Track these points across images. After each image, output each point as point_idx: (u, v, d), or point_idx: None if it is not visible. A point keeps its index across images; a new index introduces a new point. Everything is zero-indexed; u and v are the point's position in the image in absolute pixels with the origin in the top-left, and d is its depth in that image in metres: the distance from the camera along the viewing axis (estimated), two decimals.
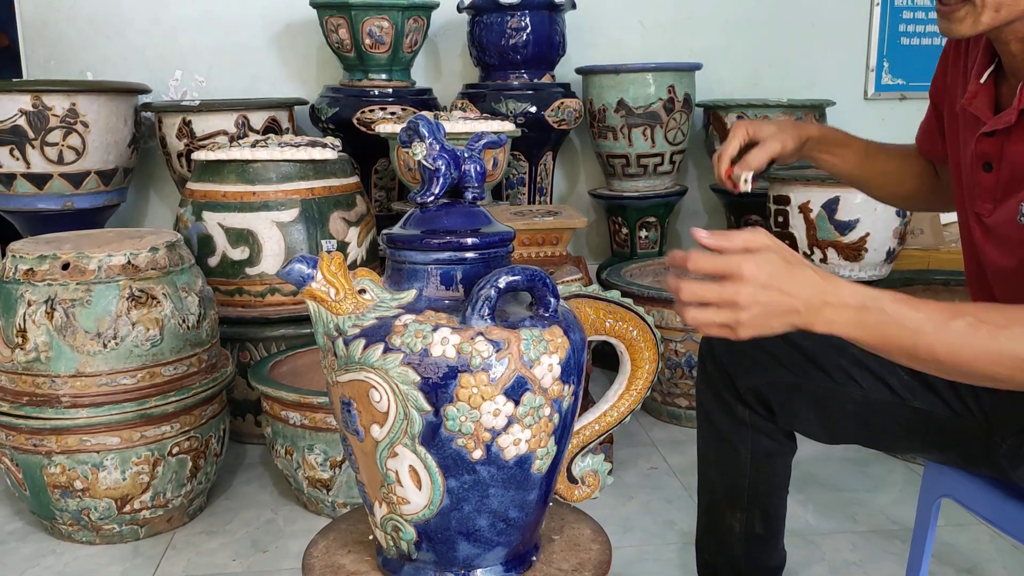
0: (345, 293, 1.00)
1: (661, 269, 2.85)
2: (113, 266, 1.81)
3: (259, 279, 2.31)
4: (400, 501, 1.03)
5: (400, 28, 2.70)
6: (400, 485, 1.02)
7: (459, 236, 1.03)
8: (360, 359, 0.97)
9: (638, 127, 2.84)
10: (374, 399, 0.98)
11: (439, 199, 1.07)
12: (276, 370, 2.09)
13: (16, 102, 2.51)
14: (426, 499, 1.02)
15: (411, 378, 0.95)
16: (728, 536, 1.35)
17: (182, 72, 3.04)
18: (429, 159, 1.05)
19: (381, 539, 1.10)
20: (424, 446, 0.99)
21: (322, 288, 1.00)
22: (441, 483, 1.01)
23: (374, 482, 1.05)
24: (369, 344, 0.97)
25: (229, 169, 2.31)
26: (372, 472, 1.04)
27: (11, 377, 1.81)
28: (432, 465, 1.00)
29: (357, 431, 1.03)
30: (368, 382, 0.98)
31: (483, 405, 0.96)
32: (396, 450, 1.00)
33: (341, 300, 1.00)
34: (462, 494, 1.01)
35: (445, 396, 0.95)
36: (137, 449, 1.83)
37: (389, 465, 1.01)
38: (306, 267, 1.00)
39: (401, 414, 0.97)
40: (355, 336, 0.98)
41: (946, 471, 1.30)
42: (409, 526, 1.04)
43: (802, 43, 3.21)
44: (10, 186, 2.58)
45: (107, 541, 1.90)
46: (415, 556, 1.07)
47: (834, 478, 2.17)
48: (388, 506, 1.05)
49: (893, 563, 1.78)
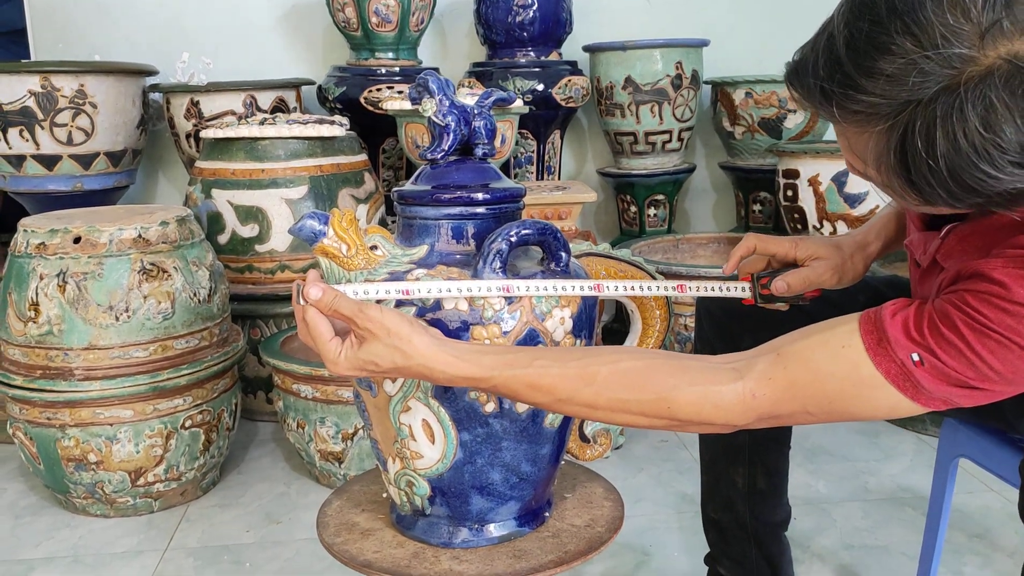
0: (356, 249, 1.00)
1: (670, 246, 2.85)
2: (124, 240, 1.81)
3: (269, 256, 2.31)
4: (414, 456, 1.03)
5: (406, 6, 2.69)
6: (413, 439, 1.02)
7: (470, 191, 1.03)
8: None
9: (646, 104, 2.83)
10: None
11: (449, 155, 1.07)
12: (287, 345, 2.10)
13: (25, 83, 2.51)
14: (439, 453, 1.02)
15: None
16: (731, 492, 1.35)
17: (189, 54, 3.04)
18: (439, 115, 1.05)
19: (395, 495, 1.11)
20: (437, 399, 1.00)
21: (334, 244, 1.00)
22: (454, 437, 1.01)
23: (387, 437, 1.05)
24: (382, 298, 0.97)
25: (238, 147, 2.32)
26: (385, 427, 1.05)
27: (24, 350, 1.82)
28: (445, 418, 1.00)
29: (370, 386, 1.03)
30: None
31: None
32: (409, 404, 1.01)
33: (352, 256, 1.00)
34: (475, 448, 1.02)
35: None
36: (150, 422, 1.84)
37: (402, 420, 1.02)
38: (317, 223, 1.00)
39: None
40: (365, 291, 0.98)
41: (962, 431, 1.30)
42: (423, 481, 1.05)
43: (810, 19, 3.16)
44: (20, 167, 2.59)
45: (121, 514, 1.91)
46: (428, 511, 1.07)
47: (844, 448, 2.17)
48: (402, 461, 1.05)
49: (905, 529, 1.78)
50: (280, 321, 2.34)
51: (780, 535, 1.40)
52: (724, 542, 1.41)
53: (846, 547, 1.72)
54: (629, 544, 1.74)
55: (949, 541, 1.71)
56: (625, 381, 0.88)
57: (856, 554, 1.70)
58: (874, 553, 1.70)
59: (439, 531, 1.08)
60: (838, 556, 1.69)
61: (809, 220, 2.50)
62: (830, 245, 1.15)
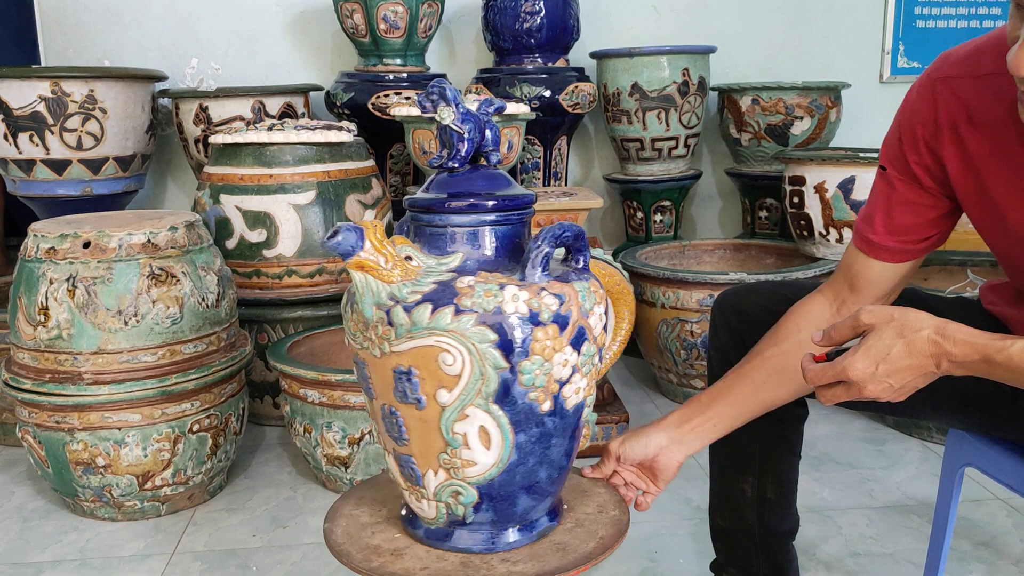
0: (394, 261, 0.98)
1: (676, 252, 2.86)
2: (133, 245, 1.82)
3: (276, 261, 2.32)
4: (465, 464, 1.02)
5: (414, 13, 2.71)
6: (467, 448, 1.01)
7: (504, 198, 1.04)
8: (429, 324, 0.95)
9: (652, 111, 2.84)
10: (445, 363, 0.96)
11: (466, 163, 1.08)
12: (294, 351, 2.11)
13: (35, 88, 2.53)
14: (495, 458, 1.02)
15: (488, 337, 0.95)
16: (740, 501, 1.35)
17: (198, 60, 3.06)
18: (457, 122, 1.06)
19: (427, 510, 1.08)
20: (498, 404, 0.99)
21: (371, 257, 0.96)
22: (511, 440, 1.01)
23: (430, 451, 1.03)
24: (437, 308, 0.95)
25: (246, 152, 2.33)
26: (430, 440, 1.02)
27: (33, 355, 1.83)
28: (505, 423, 1.00)
29: (418, 399, 1.00)
30: (439, 346, 0.96)
31: (555, 357, 0.98)
32: (467, 412, 0.99)
33: (391, 268, 0.97)
34: (529, 448, 1.03)
35: (521, 351, 0.96)
36: (158, 426, 1.85)
37: (456, 429, 1.00)
38: (354, 236, 0.96)
39: (476, 374, 0.97)
40: (418, 302, 0.96)
41: (968, 440, 1.30)
42: (471, 489, 1.04)
43: (817, 26, 3.21)
44: (30, 172, 2.61)
45: (129, 518, 1.92)
46: (471, 519, 1.06)
47: (850, 456, 2.17)
48: (448, 472, 1.03)
49: (910, 537, 1.78)
50: (287, 326, 2.35)
51: (788, 545, 1.40)
52: (731, 550, 1.41)
53: (851, 555, 1.73)
54: (635, 550, 1.75)
55: (954, 549, 1.71)
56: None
57: (861, 562, 1.70)
58: (879, 561, 1.70)
59: (481, 537, 1.07)
60: (844, 564, 1.69)
61: (815, 227, 2.51)
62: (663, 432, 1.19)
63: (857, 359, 0.96)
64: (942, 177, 1.12)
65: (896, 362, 0.96)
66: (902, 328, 0.96)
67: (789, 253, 2.74)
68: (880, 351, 0.96)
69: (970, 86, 1.06)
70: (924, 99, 1.11)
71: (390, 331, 0.97)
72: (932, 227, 1.16)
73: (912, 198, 1.15)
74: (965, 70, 1.07)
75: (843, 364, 0.97)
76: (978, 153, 1.07)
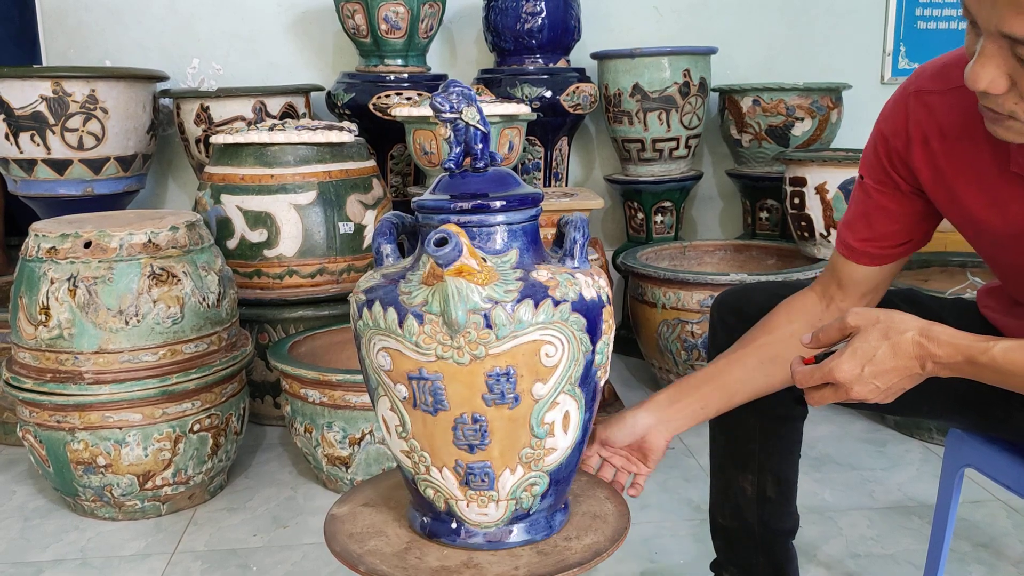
0: (481, 264, 0.97)
1: (677, 253, 2.86)
2: (134, 244, 1.83)
3: (277, 261, 2.32)
4: (547, 453, 1.03)
5: (416, 13, 2.71)
6: (552, 436, 1.03)
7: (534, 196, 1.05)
8: (532, 320, 0.95)
9: (653, 111, 2.84)
10: (547, 355, 0.97)
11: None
12: (295, 351, 2.11)
13: (36, 88, 2.53)
14: (571, 440, 1.05)
15: (581, 323, 0.99)
16: (740, 499, 1.35)
17: (199, 60, 3.06)
18: (482, 123, 1.06)
19: (491, 513, 1.06)
20: (580, 387, 1.02)
21: (470, 262, 0.94)
22: (585, 419, 1.05)
23: (512, 449, 1.02)
24: (538, 303, 0.96)
25: (247, 152, 2.33)
26: (514, 438, 1.01)
27: (35, 354, 1.83)
28: (583, 404, 1.03)
29: (515, 397, 0.98)
30: (543, 339, 0.97)
31: (611, 333, 1.05)
32: (558, 400, 1.01)
33: (482, 271, 0.96)
34: (586, 424, 1.06)
35: (598, 333, 1.02)
36: (159, 426, 1.85)
37: (547, 419, 1.01)
38: (458, 241, 0.92)
39: (570, 361, 0.99)
40: (517, 300, 0.96)
41: (968, 441, 1.30)
42: (545, 477, 1.05)
43: (818, 27, 3.21)
44: (31, 172, 2.61)
45: (129, 517, 1.92)
46: (535, 509, 1.07)
47: (851, 457, 2.17)
48: (527, 466, 1.03)
49: (910, 538, 1.78)
50: (288, 326, 2.35)
51: (788, 543, 1.40)
52: (731, 549, 1.41)
53: (852, 556, 1.73)
54: (635, 551, 1.75)
55: (954, 550, 1.71)
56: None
57: (862, 563, 1.70)
58: (880, 562, 1.70)
59: (541, 525, 1.09)
60: (844, 564, 1.70)
61: (816, 228, 2.51)
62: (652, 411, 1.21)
63: (843, 361, 0.98)
64: (917, 186, 1.14)
65: (882, 364, 0.97)
66: (887, 330, 0.97)
67: (790, 254, 2.74)
68: (866, 353, 0.97)
69: (941, 100, 1.08)
70: (897, 111, 1.13)
71: (487, 334, 0.95)
72: (910, 232, 1.19)
73: (889, 205, 1.17)
74: (937, 84, 1.09)
75: (830, 366, 0.99)
76: (948, 165, 1.09)
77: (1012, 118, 0.90)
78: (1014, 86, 0.87)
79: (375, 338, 1.00)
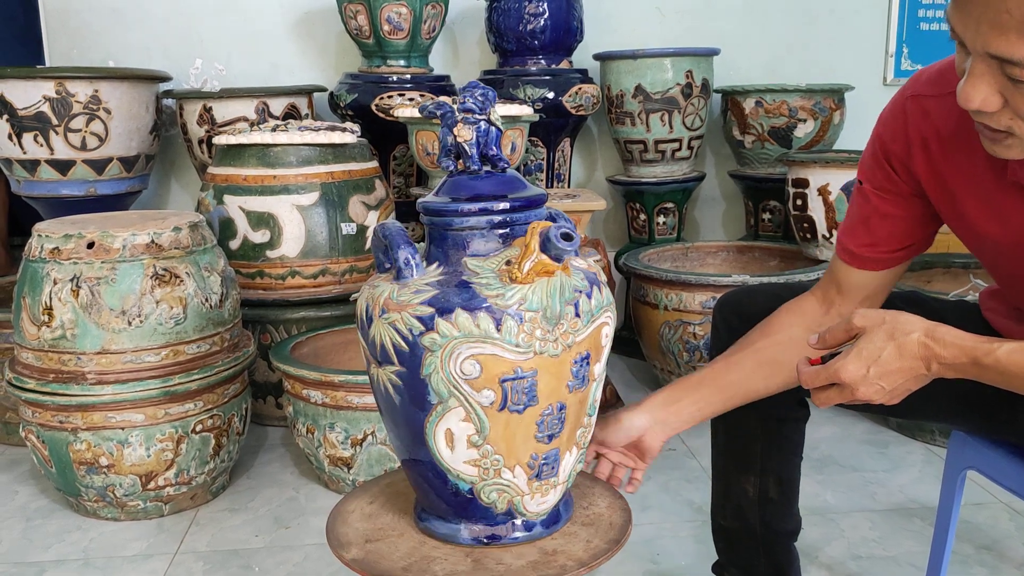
0: None
1: (679, 254, 2.86)
2: (137, 245, 1.83)
3: (280, 262, 2.33)
4: (589, 429, 1.08)
5: (418, 14, 2.71)
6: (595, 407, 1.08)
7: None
8: (603, 304, 1.02)
9: (656, 112, 2.84)
10: (606, 335, 1.04)
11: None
12: (297, 351, 2.11)
13: (40, 89, 2.54)
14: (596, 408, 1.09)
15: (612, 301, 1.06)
16: (742, 501, 1.35)
17: (202, 60, 3.07)
18: (500, 124, 1.06)
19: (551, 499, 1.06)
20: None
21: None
22: None
23: (574, 431, 1.04)
24: (600, 288, 1.02)
25: (250, 153, 2.33)
26: (578, 420, 1.05)
27: (37, 354, 1.84)
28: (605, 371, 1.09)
29: (584, 379, 1.02)
30: (606, 321, 1.03)
31: None
32: (600, 376, 1.06)
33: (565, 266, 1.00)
34: None
35: None
36: (161, 426, 1.85)
37: (597, 396, 1.06)
38: (575, 234, 0.96)
39: (610, 337, 1.06)
40: (589, 287, 1.01)
41: (970, 443, 1.30)
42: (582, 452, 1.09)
43: (821, 28, 3.21)
44: (34, 172, 2.62)
45: (132, 517, 1.93)
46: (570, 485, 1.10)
47: (853, 459, 2.17)
48: (578, 445, 1.07)
49: (912, 540, 1.78)
50: (290, 326, 2.35)
51: (790, 545, 1.40)
52: (733, 551, 1.41)
53: (854, 557, 1.72)
54: (637, 552, 1.75)
55: (956, 552, 1.71)
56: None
57: (864, 564, 1.70)
58: (882, 564, 1.70)
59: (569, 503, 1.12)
60: (846, 566, 1.69)
61: (819, 229, 2.51)
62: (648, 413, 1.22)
63: (849, 362, 0.98)
64: (917, 190, 1.14)
65: (887, 364, 0.97)
66: (893, 331, 0.98)
67: (792, 256, 2.74)
68: (871, 354, 0.98)
69: (938, 104, 1.08)
70: (896, 116, 1.13)
71: (577, 322, 0.98)
72: (909, 237, 1.18)
73: (888, 211, 1.16)
74: (934, 89, 1.09)
75: (836, 367, 0.99)
76: (947, 170, 1.09)
77: (1010, 135, 0.91)
78: (1007, 103, 0.87)
79: (459, 348, 0.94)
